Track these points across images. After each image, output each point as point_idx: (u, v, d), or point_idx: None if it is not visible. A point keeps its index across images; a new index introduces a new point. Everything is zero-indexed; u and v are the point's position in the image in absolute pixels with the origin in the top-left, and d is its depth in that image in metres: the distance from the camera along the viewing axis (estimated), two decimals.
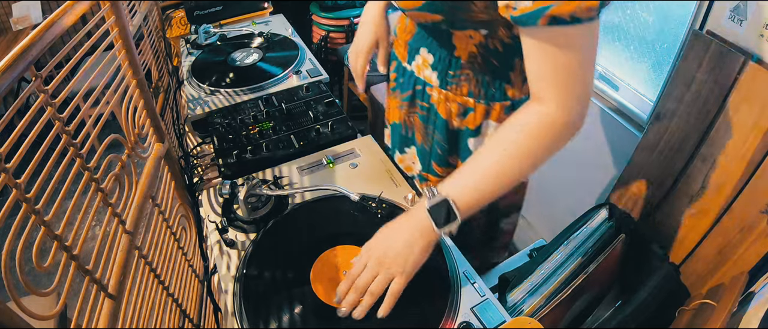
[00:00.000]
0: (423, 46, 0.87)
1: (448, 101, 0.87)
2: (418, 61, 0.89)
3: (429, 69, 0.87)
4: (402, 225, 0.70)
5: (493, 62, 0.79)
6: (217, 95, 1.26)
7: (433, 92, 0.89)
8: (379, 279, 0.67)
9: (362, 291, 0.68)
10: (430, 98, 0.90)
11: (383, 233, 0.71)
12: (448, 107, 0.88)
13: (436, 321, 0.69)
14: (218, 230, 0.84)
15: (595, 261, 1.07)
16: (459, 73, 0.83)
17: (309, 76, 1.32)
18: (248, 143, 1.06)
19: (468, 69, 0.82)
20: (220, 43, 1.51)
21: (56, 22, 0.51)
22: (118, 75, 0.71)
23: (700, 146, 1.02)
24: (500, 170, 0.66)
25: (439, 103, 0.89)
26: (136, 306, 0.63)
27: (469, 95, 0.84)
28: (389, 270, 0.67)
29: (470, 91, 0.84)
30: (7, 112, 0.43)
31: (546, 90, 0.64)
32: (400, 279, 0.67)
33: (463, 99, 0.85)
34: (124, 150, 0.71)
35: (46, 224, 0.46)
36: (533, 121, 0.66)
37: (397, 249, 0.67)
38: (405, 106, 0.97)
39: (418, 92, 0.92)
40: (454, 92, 0.85)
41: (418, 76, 0.91)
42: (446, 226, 0.66)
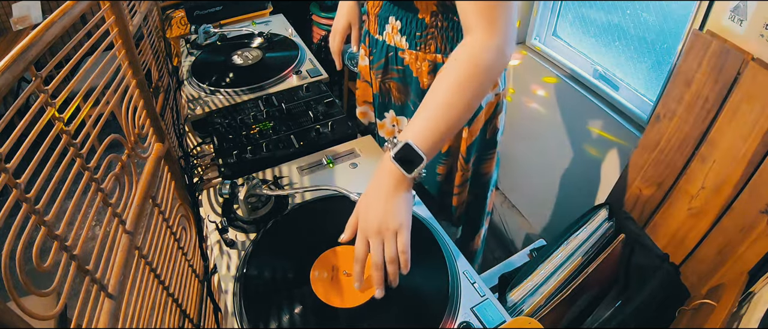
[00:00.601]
0: (390, 14, 0.98)
1: (419, 60, 0.98)
2: (388, 29, 1.00)
3: (398, 35, 0.98)
4: (376, 188, 0.72)
5: (453, 19, 0.90)
6: (217, 95, 1.26)
7: (405, 55, 1.00)
8: (389, 243, 0.69)
9: (381, 265, 0.69)
10: (402, 60, 1.01)
11: (364, 204, 0.73)
12: (418, 67, 0.99)
13: (436, 321, 0.69)
14: (218, 230, 0.84)
15: (595, 261, 1.07)
16: (425, 34, 0.94)
17: (309, 76, 1.32)
18: (248, 143, 1.06)
19: (433, 28, 0.93)
20: (220, 43, 1.51)
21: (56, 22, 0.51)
22: (118, 75, 0.71)
23: (700, 146, 1.02)
24: (448, 102, 0.71)
25: (411, 63, 1.00)
26: (136, 306, 0.63)
27: (436, 51, 0.95)
28: (388, 230, 0.69)
29: (437, 47, 0.95)
30: (7, 112, 0.43)
31: (471, 21, 0.73)
32: (402, 233, 0.69)
33: (432, 56, 0.96)
34: (124, 150, 0.71)
35: (46, 224, 0.46)
36: (464, 51, 0.73)
37: (383, 210, 0.70)
38: (380, 74, 1.07)
39: (391, 57, 1.03)
40: (424, 50, 0.96)
41: (389, 44, 1.01)
42: (416, 169, 0.70)
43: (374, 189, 0.72)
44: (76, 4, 0.56)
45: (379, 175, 0.72)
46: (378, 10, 1.01)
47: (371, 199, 0.71)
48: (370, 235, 0.70)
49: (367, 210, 0.71)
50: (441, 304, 0.71)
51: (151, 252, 0.70)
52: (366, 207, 0.72)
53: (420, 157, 0.69)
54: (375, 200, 0.71)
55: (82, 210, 0.54)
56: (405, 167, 0.70)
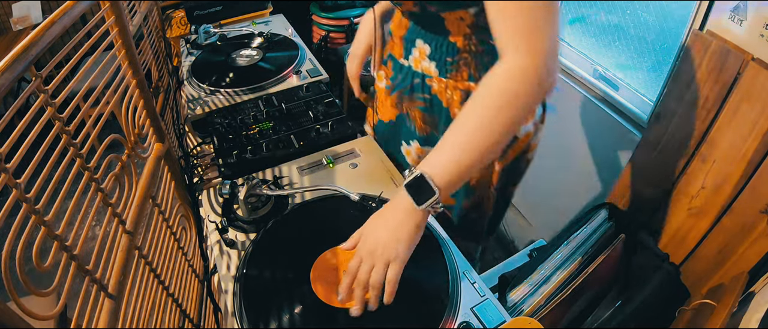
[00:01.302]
0: (418, 37, 0.87)
1: (449, 89, 0.86)
2: (415, 54, 0.89)
3: (427, 60, 0.87)
4: (387, 212, 0.70)
5: (488, 42, 0.79)
6: (217, 95, 1.26)
7: (433, 83, 0.88)
8: (376, 270, 0.68)
9: (364, 285, 0.68)
10: (430, 88, 0.89)
11: (372, 224, 0.71)
12: (449, 96, 0.87)
13: (436, 321, 0.69)
14: (218, 230, 0.84)
15: (595, 261, 1.07)
16: (457, 59, 0.83)
17: (309, 76, 1.32)
18: (248, 143, 1.06)
19: (465, 53, 0.82)
20: (220, 43, 1.51)
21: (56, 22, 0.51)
22: (118, 75, 0.71)
23: (700, 146, 1.02)
24: (475, 134, 0.65)
25: (441, 92, 0.88)
26: (136, 306, 0.63)
27: (470, 79, 0.84)
28: (382, 257, 0.67)
29: (470, 75, 0.83)
30: (7, 112, 0.43)
31: (509, 47, 0.64)
32: (394, 265, 0.67)
33: (464, 85, 0.84)
34: (124, 150, 0.71)
35: (46, 224, 0.46)
36: (497, 76, 0.65)
37: (385, 237, 0.68)
38: (404, 100, 0.96)
39: (417, 85, 0.91)
40: (455, 78, 0.85)
41: (415, 70, 0.90)
42: (426, 202, 0.65)
43: (386, 212, 0.70)
44: (76, 4, 0.56)
45: (395, 200, 0.70)
46: (404, 32, 0.91)
47: (379, 221, 0.70)
48: (363, 255, 0.69)
49: (371, 231, 0.70)
50: (441, 304, 0.71)
51: (151, 252, 0.70)
52: (372, 227, 0.71)
53: (432, 191, 0.65)
54: (382, 224, 0.69)
55: (82, 210, 0.54)
56: (415, 199, 0.66)
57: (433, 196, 0.65)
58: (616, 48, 1.46)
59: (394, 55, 0.96)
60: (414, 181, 0.66)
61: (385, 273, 0.67)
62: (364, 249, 0.69)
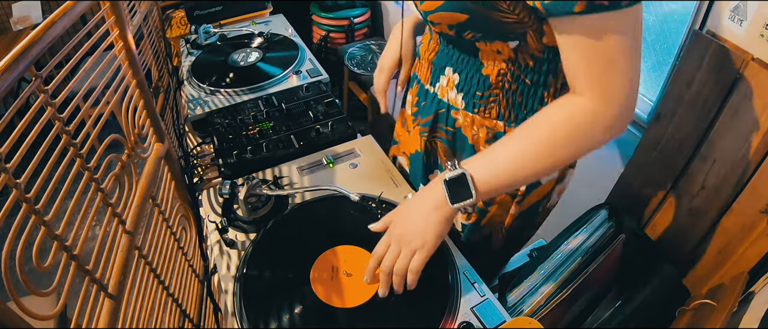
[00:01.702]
0: (448, 65, 0.80)
1: (476, 125, 0.80)
2: (443, 82, 0.82)
3: (454, 90, 0.80)
4: (419, 199, 0.70)
5: (524, 81, 0.73)
6: (217, 95, 1.26)
7: (458, 116, 0.82)
8: (403, 256, 0.68)
9: (389, 271, 0.69)
10: (455, 121, 0.83)
11: (403, 209, 0.71)
12: (475, 132, 0.81)
13: (436, 321, 0.69)
14: (218, 230, 0.84)
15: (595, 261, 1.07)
16: (487, 94, 0.76)
17: (309, 76, 1.32)
18: (248, 143, 1.06)
19: (497, 89, 0.75)
20: (220, 43, 1.51)
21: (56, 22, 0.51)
22: (118, 75, 0.71)
23: (700, 146, 1.02)
24: (525, 159, 0.63)
25: (466, 127, 0.82)
26: (136, 306, 0.63)
27: (499, 117, 0.77)
28: (410, 245, 0.68)
29: (500, 113, 0.76)
30: (7, 112, 0.43)
31: (583, 83, 0.59)
32: (420, 253, 0.68)
33: (492, 123, 0.78)
34: (124, 150, 0.71)
35: (46, 224, 0.46)
36: (567, 112, 0.61)
37: (415, 224, 0.68)
38: (426, 132, 0.90)
39: (442, 115, 0.85)
40: (483, 115, 0.78)
41: (441, 99, 0.84)
42: (460, 202, 0.65)
43: (419, 200, 0.70)
44: (76, 4, 0.56)
45: (429, 189, 0.69)
46: (433, 56, 0.83)
47: (412, 208, 0.70)
48: (393, 240, 0.70)
49: (403, 216, 0.70)
50: (441, 304, 0.71)
51: (151, 252, 0.70)
52: (405, 212, 0.71)
53: (470, 193, 0.64)
54: (415, 211, 0.69)
55: (82, 210, 0.54)
56: (451, 195, 0.65)
57: (469, 198, 0.64)
58: None
59: (420, 78, 0.90)
60: (455, 177, 0.65)
61: (409, 261, 0.68)
62: (395, 233, 0.70)
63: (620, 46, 0.55)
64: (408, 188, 0.93)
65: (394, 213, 0.73)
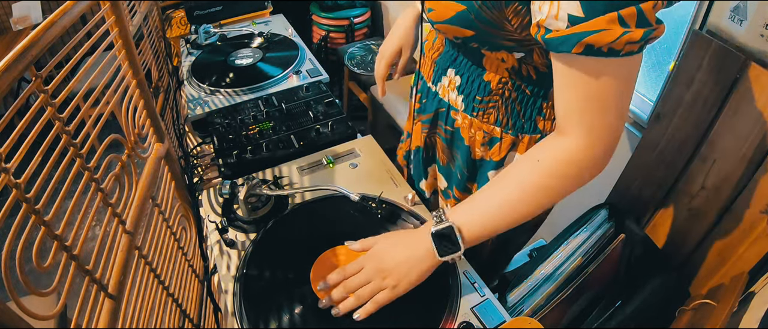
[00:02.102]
0: (451, 66, 0.82)
1: (473, 127, 0.82)
2: (445, 82, 0.84)
3: (455, 92, 0.82)
4: (407, 242, 0.70)
5: (525, 91, 0.74)
6: (217, 95, 1.26)
7: (457, 117, 0.84)
8: (370, 287, 0.68)
9: (351, 290, 0.69)
10: (454, 122, 0.85)
11: (389, 243, 0.71)
12: (472, 135, 0.83)
13: (436, 321, 0.69)
14: (218, 230, 0.84)
15: (595, 261, 1.07)
16: (487, 100, 0.77)
17: (309, 76, 1.32)
18: (248, 143, 1.06)
19: (497, 96, 0.76)
20: (220, 43, 1.51)
21: (56, 22, 0.51)
22: (118, 75, 0.71)
23: (700, 146, 1.02)
24: (512, 205, 0.64)
25: (464, 128, 0.84)
26: (136, 306, 0.63)
27: (496, 123, 0.78)
28: (383, 281, 0.68)
29: (498, 119, 0.78)
30: (7, 112, 0.43)
31: (571, 123, 0.60)
32: (389, 293, 0.68)
33: (489, 127, 0.79)
34: (124, 150, 0.71)
35: (46, 224, 0.46)
36: (553, 156, 0.62)
37: (395, 265, 0.68)
38: (427, 128, 0.93)
39: (442, 114, 0.87)
40: (481, 118, 0.80)
41: (442, 98, 0.86)
42: (448, 256, 0.66)
43: (405, 241, 0.70)
44: (76, 4, 0.55)
45: (417, 234, 0.70)
46: (437, 55, 0.85)
47: (396, 245, 0.70)
48: (368, 265, 0.70)
49: (386, 249, 0.70)
50: (441, 304, 0.71)
51: (151, 252, 0.70)
52: (388, 246, 0.71)
53: (457, 247, 0.65)
54: (398, 248, 0.70)
55: (82, 210, 0.54)
56: (438, 248, 0.66)
57: (456, 252, 0.66)
58: None
59: (423, 76, 0.91)
60: (443, 231, 0.66)
61: (374, 294, 0.68)
62: (372, 264, 0.69)
63: (615, 91, 0.55)
64: (408, 188, 0.93)
65: (377, 243, 0.72)
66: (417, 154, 1.00)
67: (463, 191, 0.93)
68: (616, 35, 0.49)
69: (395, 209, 0.87)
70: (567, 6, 0.51)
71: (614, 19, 0.49)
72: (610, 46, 0.50)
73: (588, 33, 0.50)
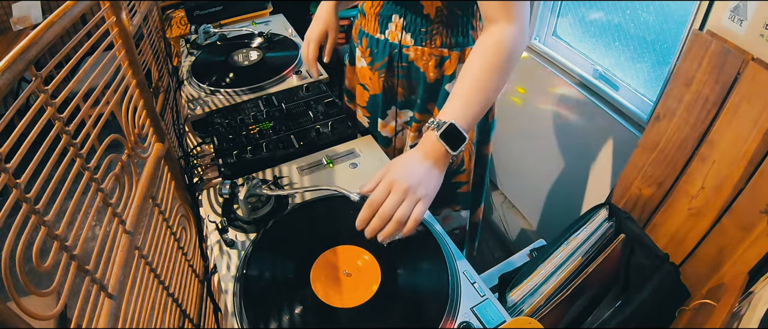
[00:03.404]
0: (393, 12, 1.00)
1: (425, 56, 1.01)
2: (391, 28, 1.02)
3: (402, 31, 1.01)
4: (418, 156, 0.75)
5: (457, 12, 0.95)
6: (217, 95, 1.26)
7: (409, 52, 1.03)
8: (406, 204, 0.70)
9: (388, 217, 0.70)
10: (407, 57, 1.04)
11: (400, 164, 0.74)
12: (425, 61, 1.02)
13: (436, 321, 0.69)
14: (218, 230, 0.84)
15: (595, 261, 1.07)
16: (430, 29, 0.97)
17: (309, 76, 1.32)
18: (248, 143, 1.06)
19: (437, 23, 0.96)
20: (220, 43, 1.51)
21: (56, 22, 0.51)
22: (118, 75, 0.71)
23: (700, 146, 1.02)
24: (481, 86, 0.77)
25: (417, 59, 1.03)
26: (136, 306, 0.63)
27: (442, 45, 0.99)
28: (415, 194, 0.71)
29: (443, 42, 0.98)
30: (7, 112, 0.43)
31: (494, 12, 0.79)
32: (423, 203, 0.71)
33: (438, 51, 1.00)
34: (124, 150, 0.71)
35: (46, 224, 0.46)
36: (491, 39, 0.79)
37: (420, 176, 0.72)
38: (383, 72, 1.09)
39: (395, 55, 1.05)
40: (430, 46, 0.99)
41: (392, 42, 1.04)
42: (460, 148, 0.74)
43: (416, 156, 0.75)
44: (76, 4, 0.56)
45: (423, 148, 0.75)
46: (379, 9, 1.03)
47: (411, 162, 0.74)
48: (396, 188, 0.71)
49: (404, 168, 0.73)
50: (441, 304, 0.71)
51: (151, 252, 0.70)
52: (403, 165, 0.74)
53: (463, 136, 0.74)
54: (416, 164, 0.73)
55: (82, 210, 0.54)
56: (451, 145, 0.73)
57: (464, 141, 0.74)
58: (616, 48, 1.46)
59: (368, 32, 1.09)
60: (448, 130, 0.73)
61: (411, 209, 0.70)
62: (398, 183, 0.71)
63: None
64: None
65: (390, 169, 0.74)
66: (375, 99, 1.17)
67: (423, 113, 1.11)
68: None
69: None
70: None
71: None
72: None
73: None
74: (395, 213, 0.70)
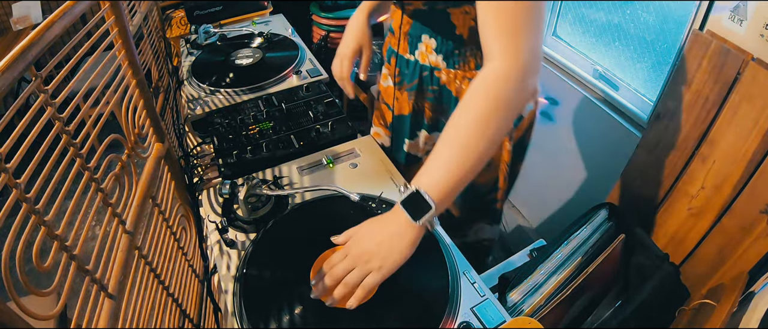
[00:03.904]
0: (423, 33, 0.90)
1: (458, 79, 0.91)
2: (421, 48, 0.93)
3: (433, 54, 0.91)
4: (383, 222, 0.70)
5: None
6: (217, 95, 1.26)
7: (441, 75, 0.93)
8: (356, 272, 0.68)
9: (337, 279, 0.68)
10: (439, 80, 0.94)
11: (368, 228, 0.71)
12: (458, 85, 0.92)
13: (436, 321, 0.69)
14: (218, 230, 0.84)
15: (595, 261, 1.07)
16: (464, 50, 0.87)
17: (309, 76, 1.32)
18: (248, 143, 1.06)
19: (470, 44, 0.86)
20: (220, 43, 1.51)
21: (56, 22, 0.51)
22: (118, 75, 0.71)
23: (700, 146, 1.02)
24: (466, 144, 0.65)
25: (450, 82, 0.93)
26: (136, 306, 0.63)
27: (476, 68, 0.88)
28: (366, 265, 0.67)
29: (477, 64, 0.87)
30: (7, 112, 0.43)
31: (491, 44, 0.66)
32: (375, 275, 0.67)
33: (472, 74, 0.89)
34: (124, 150, 0.71)
35: (46, 224, 0.46)
36: (483, 83, 0.65)
37: (376, 246, 0.68)
38: (413, 95, 1.00)
39: (426, 78, 0.96)
40: (463, 69, 0.90)
41: (423, 64, 0.94)
42: (423, 218, 0.65)
43: (384, 221, 0.70)
44: (76, 4, 0.56)
45: (393, 213, 0.70)
46: (408, 28, 0.93)
47: (375, 228, 0.70)
48: (350, 252, 0.69)
49: (365, 234, 0.70)
50: (441, 304, 0.71)
51: (151, 252, 0.70)
52: (367, 231, 0.70)
53: (428, 206, 0.65)
54: (377, 231, 0.69)
55: (82, 210, 0.54)
56: (412, 214, 0.66)
57: (429, 211, 0.65)
58: (616, 48, 1.46)
59: (398, 52, 0.99)
60: (410, 198, 0.66)
61: (361, 279, 0.67)
62: (354, 250, 0.69)
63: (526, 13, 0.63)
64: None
65: (358, 230, 0.72)
66: (402, 120, 1.07)
67: None
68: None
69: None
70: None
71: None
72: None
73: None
74: (344, 279, 0.68)
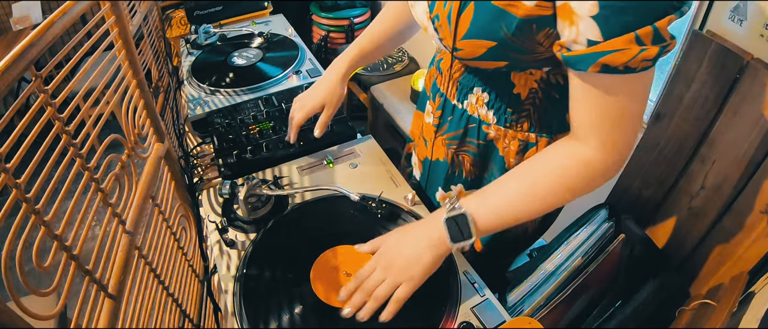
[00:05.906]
0: (476, 85, 0.81)
1: (507, 138, 0.82)
2: (472, 100, 0.83)
3: (485, 107, 0.81)
4: (416, 232, 0.69)
5: (554, 96, 0.75)
6: (217, 95, 1.26)
7: (490, 130, 0.83)
8: (385, 285, 0.67)
9: (369, 293, 0.68)
10: (486, 135, 0.84)
11: (396, 237, 0.70)
12: (506, 145, 0.83)
13: (436, 321, 0.69)
14: (218, 230, 0.84)
15: (595, 261, 1.07)
16: (520, 109, 0.78)
17: (309, 76, 1.32)
18: (248, 143, 1.06)
19: (528, 105, 0.77)
20: (220, 43, 1.51)
21: (56, 22, 0.51)
22: (118, 75, 0.71)
23: (700, 146, 1.02)
24: (525, 199, 0.65)
25: (498, 139, 0.84)
26: (136, 306, 0.63)
27: (530, 129, 0.80)
28: (396, 277, 0.67)
29: (532, 125, 0.79)
30: (7, 112, 0.43)
31: (587, 134, 0.62)
32: (406, 287, 0.66)
33: (524, 135, 0.81)
34: (124, 150, 0.71)
35: (46, 224, 0.46)
36: (570, 160, 0.64)
37: (406, 257, 0.67)
38: (454, 145, 0.90)
39: (472, 130, 0.86)
40: (514, 128, 0.80)
41: (471, 115, 0.84)
42: (459, 243, 0.65)
43: (414, 231, 0.69)
44: (76, 4, 0.56)
45: (426, 222, 0.69)
46: (459, 75, 0.83)
47: (404, 237, 0.69)
48: (380, 264, 0.68)
49: (395, 244, 0.69)
50: (441, 304, 0.71)
51: (151, 252, 0.70)
52: (396, 240, 0.69)
53: (470, 233, 0.64)
54: (406, 240, 0.68)
55: (82, 210, 0.54)
56: (451, 235, 0.65)
57: (469, 239, 0.65)
58: None
59: (444, 94, 0.88)
60: (457, 218, 0.65)
61: (391, 291, 0.67)
62: (383, 260, 0.68)
63: (629, 106, 0.58)
64: (408, 188, 0.93)
65: (385, 240, 0.71)
66: (437, 166, 0.97)
67: None
68: (633, 54, 0.51)
69: (395, 209, 0.87)
70: (586, 31, 0.52)
71: (631, 39, 0.50)
72: (626, 64, 0.52)
73: (605, 53, 0.52)
74: (374, 292, 0.67)
